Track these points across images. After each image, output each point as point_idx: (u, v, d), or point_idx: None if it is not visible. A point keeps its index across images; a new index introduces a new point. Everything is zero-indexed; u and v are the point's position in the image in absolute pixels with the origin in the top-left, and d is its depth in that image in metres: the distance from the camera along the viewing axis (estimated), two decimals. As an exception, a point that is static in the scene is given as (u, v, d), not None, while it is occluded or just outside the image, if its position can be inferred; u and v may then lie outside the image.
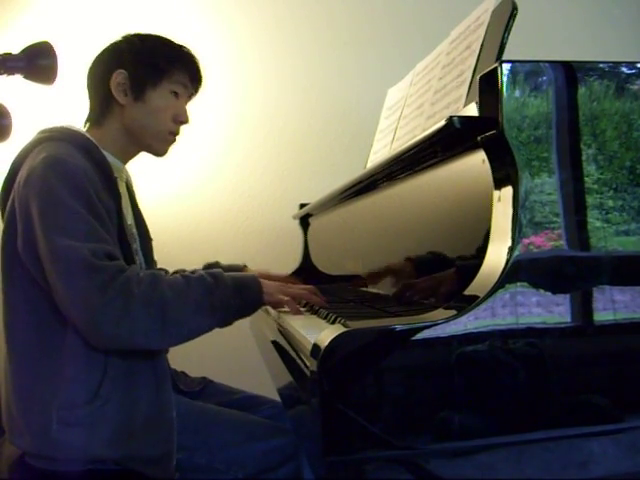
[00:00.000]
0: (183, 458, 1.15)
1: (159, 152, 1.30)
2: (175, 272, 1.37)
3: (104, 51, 1.28)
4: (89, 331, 1.03)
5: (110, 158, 1.22)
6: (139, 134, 1.26)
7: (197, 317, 1.07)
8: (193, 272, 1.16)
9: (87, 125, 1.29)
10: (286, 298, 1.22)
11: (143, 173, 1.42)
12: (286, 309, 1.28)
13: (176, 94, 1.27)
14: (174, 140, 1.30)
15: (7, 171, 1.17)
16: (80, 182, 1.07)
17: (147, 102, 1.24)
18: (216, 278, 1.11)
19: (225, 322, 1.12)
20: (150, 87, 1.24)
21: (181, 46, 1.30)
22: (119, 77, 1.22)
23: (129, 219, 1.28)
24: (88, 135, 1.19)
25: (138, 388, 1.11)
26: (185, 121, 1.30)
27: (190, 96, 1.33)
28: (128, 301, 1.01)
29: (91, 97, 1.28)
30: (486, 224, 0.82)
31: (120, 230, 1.15)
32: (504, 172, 0.82)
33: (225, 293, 1.10)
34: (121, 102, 1.23)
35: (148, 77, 1.24)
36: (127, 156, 1.30)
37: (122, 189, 1.26)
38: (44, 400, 1.07)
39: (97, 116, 1.26)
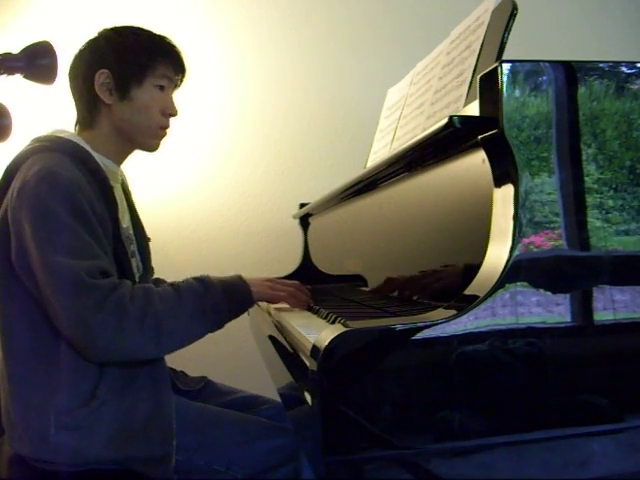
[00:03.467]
0: (182, 459, 1.14)
1: (152, 147, 1.29)
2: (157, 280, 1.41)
3: (83, 50, 1.25)
4: (84, 347, 1.05)
5: (105, 161, 1.22)
6: (130, 132, 1.24)
7: (190, 325, 1.10)
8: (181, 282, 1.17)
9: (77, 128, 1.28)
10: (282, 294, 1.27)
11: (143, 173, 1.42)
12: (281, 305, 1.32)
13: (161, 87, 1.25)
14: (165, 134, 1.29)
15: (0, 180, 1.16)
16: (73, 196, 1.06)
17: (133, 100, 1.22)
18: (204, 284, 1.14)
19: (218, 326, 1.15)
20: (135, 84, 1.21)
21: (161, 37, 1.27)
22: (102, 77, 1.20)
23: (125, 222, 1.28)
24: (81, 142, 1.18)
25: (135, 389, 1.11)
26: (174, 113, 1.28)
27: (175, 87, 1.30)
28: (123, 318, 1.03)
29: (77, 99, 1.26)
30: (486, 224, 0.82)
31: (115, 236, 1.15)
32: (504, 172, 0.82)
33: (215, 297, 1.13)
34: (107, 102, 1.21)
35: (132, 75, 1.21)
36: (121, 156, 1.29)
37: (118, 193, 1.25)
38: (41, 405, 1.07)
39: (86, 118, 1.24)
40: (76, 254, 1.03)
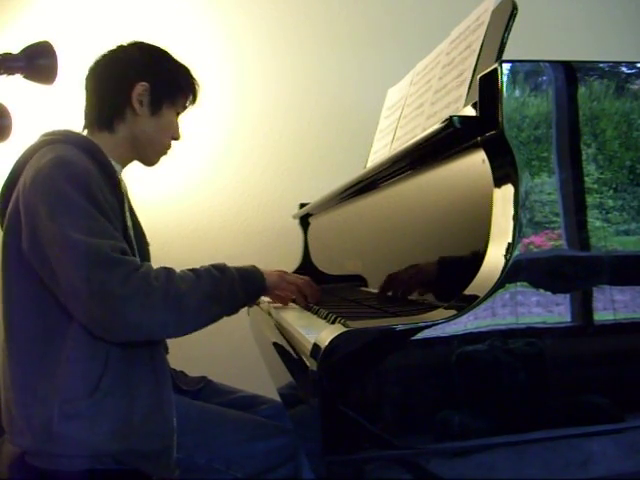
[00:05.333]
0: (183, 457, 1.15)
1: (152, 163, 1.36)
2: None
3: (122, 59, 1.30)
4: (110, 323, 1.05)
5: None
6: (144, 145, 1.30)
7: (208, 305, 1.13)
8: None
9: (89, 127, 1.30)
10: (292, 287, 1.34)
11: (143, 173, 1.42)
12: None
13: (177, 113, 1.34)
14: (166, 154, 1.37)
15: (9, 173, 1.18)
16: (87, 182, 1.09)
17: (161, 118, 1.29)
18: (222, 270, 1.18)
19: (233, 310, 1.20)
20: (168, 104, 1.30)
21: (190, 71, 1.36)
22: (141, 89, 1.26)
23: (128, 222, 1.29)
24: (91, 138, 1.22)
25: (138, 382, 1.13)
26: (178, 138, 1.36)
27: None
28: (148, 293, 1.05)
29: (101, 99, 1.29)
30: (486, 224, 0.82)
31: (124, 228, 1.18)
32: (504, 172, 0.82)
33: (232, 283, 1.17)
34: (138, 112, 1.27)
35: (168, 94, 1.29)
36: (124, 163, 1.33)
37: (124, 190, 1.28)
38: (46, 395, 1.08)
39: (106, 120, 1.28)
40: (97, 234, 1.06)
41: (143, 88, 1.26)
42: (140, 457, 1.10)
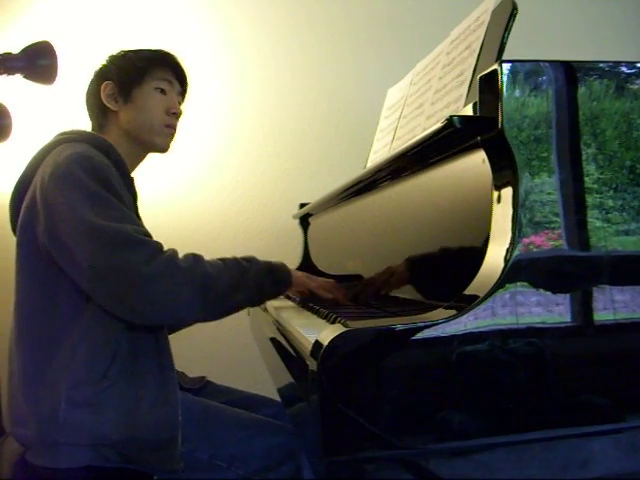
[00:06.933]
0: (185, 452, 1.15)
1: (160, 147, 1.35)
2: None
3: (94, 73, 1.36)
4: (137, 303, 1.05)
5: None
6: (137, 132, 1.31)
7: (234, 293, 1.14)
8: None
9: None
10: (314, 284, 1.36)
11: (143, 173, 1.42)
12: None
13: (162, 90, 1.33)
14: (172, 133, 1.36)
15: (23, 171, 1.21)
16: (105, 175, 1.12)
17: (136, 101, 1.30)
18: (250, 261, 1.21)
19: (258, 300, 1.23)
20: (135, 87, 1.31)
21: (158, 49, 1.37)
22: (107, 88, 1.30)
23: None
24: (105, 137, 1.25)
25: (144, 372, 1.14)
26: (177, 112, 1.35)
27: (181, 94, 1.39)
28: (174, 272, 1.06)
29: (90, 115, 1.35)
30: (486, 224, 0.82)
31: None
32: (504, 172, 0.82)
33: (259, 273, 1.19)
34: (114, 109, 1.30)
35: (131, 79, 1.31)
36: (133, 161, 1.34)
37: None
38: (54, 382, 1.09)
39: (98, 129, 1.33)
40: (120, 220, 1.08)
41: (108, 86, 1.30)
42: (145, 448, 1.10)
